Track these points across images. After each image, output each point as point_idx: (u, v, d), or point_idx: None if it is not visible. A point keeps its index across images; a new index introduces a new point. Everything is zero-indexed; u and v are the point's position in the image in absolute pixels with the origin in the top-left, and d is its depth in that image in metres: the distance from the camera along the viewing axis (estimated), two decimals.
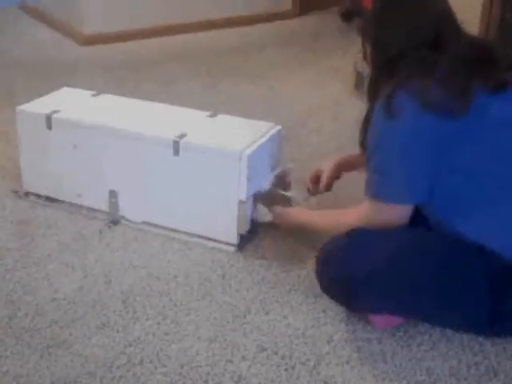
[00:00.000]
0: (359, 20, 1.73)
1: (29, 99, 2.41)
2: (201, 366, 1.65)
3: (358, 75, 3.29)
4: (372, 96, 1.67)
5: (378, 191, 1.65)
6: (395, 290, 1.62)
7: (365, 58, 1.72)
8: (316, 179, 2.17)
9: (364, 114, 1.71)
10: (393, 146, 1.59)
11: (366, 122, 1.69)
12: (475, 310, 1.59)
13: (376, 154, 1.64)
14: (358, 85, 3.31)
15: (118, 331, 1.76)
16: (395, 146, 1.59)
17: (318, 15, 5.02)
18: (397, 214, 1.65)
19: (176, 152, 2.08)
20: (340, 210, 1.88)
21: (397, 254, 1.61)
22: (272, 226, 2.13)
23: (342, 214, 1.83)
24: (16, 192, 2.42)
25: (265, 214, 2.09)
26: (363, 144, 1.74)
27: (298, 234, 2.11)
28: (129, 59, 4.08)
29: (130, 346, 1.71)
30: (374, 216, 1.67)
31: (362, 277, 1.61)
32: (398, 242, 1.63)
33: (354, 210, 1.75)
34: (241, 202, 2.04)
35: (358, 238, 1.68)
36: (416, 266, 1.60)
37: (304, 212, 2.02)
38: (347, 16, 1.77)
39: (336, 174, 2.15)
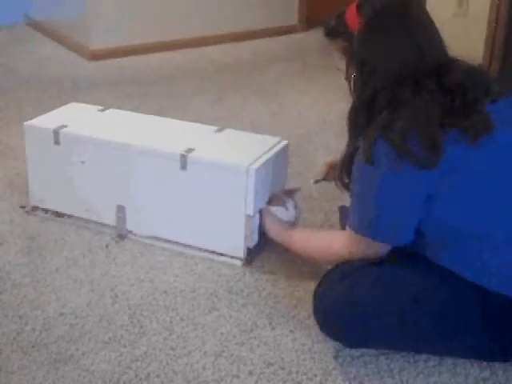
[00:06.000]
0: (343, 40, 1.70)
1: (36, 114, 2.42)
2: (207, 382, 1.64)
3: None
4: (351, 128, 1.67)
5: (361, 229, 1.64)
6: (395, 331, 1.63)
7: (348, 80, 1.68)
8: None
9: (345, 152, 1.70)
10: (374, 191, 1.58)
11: (345, 162, 1.69)
12: (474, 345, 1.61)
13: (358, 196, 1.64)
14: None
15: (124, 346, 1.76)
16: (376, 192, 1.58)
17: None
18: (381, 247, 1.65)
19: (183, 166, 2.09)
20: (325, 235, 1.91)
21: (396, 299, 1.62)
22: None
23: (328, 246, 1.81)
24: (24, 207, 2.43)
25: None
26: (341, 181, 1.75)
27: None
28: (136, 74, 4.10)
29: (137, 360, 1.71)
30: (357, 247, 1.68)
31: (363, 322, 1.63)
32: (397, 285, 1.63)
33: (340, 238, 1.74)
34: (248, 217, 2.05)
35: (355, 285, 1.67)
36: (413, 309, 1.60)
37: (291, 233, 2.01)
38: (332, 34, 1.73)
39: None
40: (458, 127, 1.50)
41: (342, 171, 1.73)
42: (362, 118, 1.61)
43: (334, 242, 1.78)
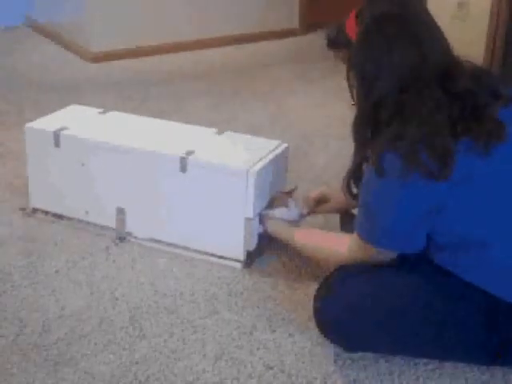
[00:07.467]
0: (345, 50, 1.66)
1: (37, 116, 2.43)
2: None
3: None
4: (357, 138, 1.65)
5: (367, 237, 1.64)
6: (396, 335, 1.63)
7: (350, 90, 1.66)
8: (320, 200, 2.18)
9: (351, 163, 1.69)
10: (382, 201, 1.57)
11: (352, 172, 1.69)
12: (475, 349, 1.60)
13: (366, 206, 1.63)
14: None
15: (124, 348, 1.76)
16: (384, 203, 1.57)
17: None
18: (386, 254, 1.65)
19: (183, 169, 2.09)
20: (330, 237, 1.90)
21: (398, 302, 1.62)
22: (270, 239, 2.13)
23: (332, 248, 1.81)
24: (24, 209, 2.42)
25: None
26: (349, 191, 1.74)
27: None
28: (136, 77, 4.10)
29: (137, 363, 1.70)
30: (362, 252, 1.67)
31: (364, 328, 1.64)
32: (398, 288, 1.63)
33: (346, 241, 1.73)
34: (247, 220, 2.05)
35: (356, 288, 1.67)
36: (415, 313, 1.60)
37: (295, 230, 2.00)
38: (334, 45, 1.72)
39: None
40: (470, 135, 1.48)
41: (350, 181, 1.72)
42: (366, 128, 1.60)
43: (339, 245, 1.77)
